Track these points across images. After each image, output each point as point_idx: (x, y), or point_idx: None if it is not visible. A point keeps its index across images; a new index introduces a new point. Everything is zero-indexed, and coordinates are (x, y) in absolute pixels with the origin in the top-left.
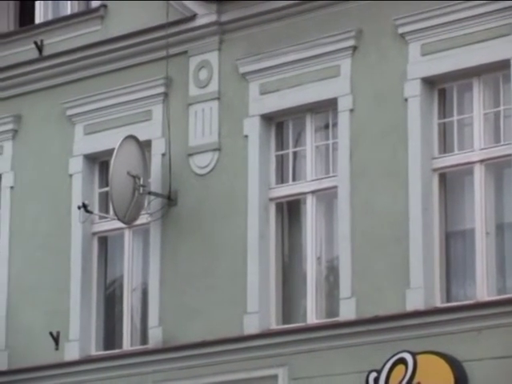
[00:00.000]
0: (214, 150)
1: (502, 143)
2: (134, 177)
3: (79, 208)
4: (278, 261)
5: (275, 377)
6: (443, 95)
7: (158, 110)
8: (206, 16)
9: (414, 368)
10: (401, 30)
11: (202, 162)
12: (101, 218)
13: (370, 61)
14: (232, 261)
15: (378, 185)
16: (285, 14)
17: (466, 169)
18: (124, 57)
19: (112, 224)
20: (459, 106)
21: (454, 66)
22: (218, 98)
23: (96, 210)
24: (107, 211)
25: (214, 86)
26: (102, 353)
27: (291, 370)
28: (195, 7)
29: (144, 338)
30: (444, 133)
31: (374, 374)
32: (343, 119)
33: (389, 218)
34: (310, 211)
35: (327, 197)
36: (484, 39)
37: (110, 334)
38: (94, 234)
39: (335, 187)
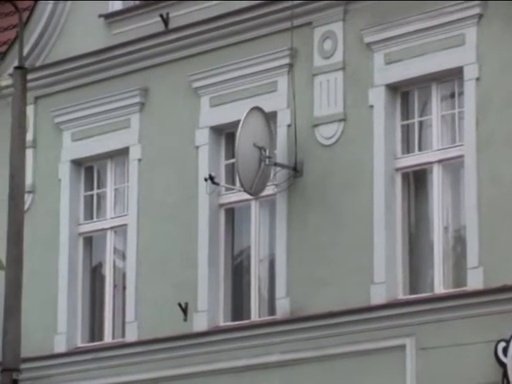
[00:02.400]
0: (340, 120)
1: None
2: (259, 148)
3: (206, 180)
4: (404, 231)
5: (403, 347)
6: None
7: (283, 81)
8: None
9: None
10: None
11: (327, 133)
12: (227, 189)
13: (495, 29)
14: (358, 231)
15: (504, 154)
16: None
17: None
18: (249, 28)
19: (238, 195)
20: None
21: None
22: (343, 69)
23: (222, 182)
24: (233, 183)
25: (338, 57)
26: (230, 323)
27: (419, 340)
28: None
29: (271, 309)
30: None
31: (502, 344)
32: (469, 88)
33: None
34: (437, 181)
35: (453, 166)
36: None
37: (238, 304)
38: (221, 205)
39: (461, 156)
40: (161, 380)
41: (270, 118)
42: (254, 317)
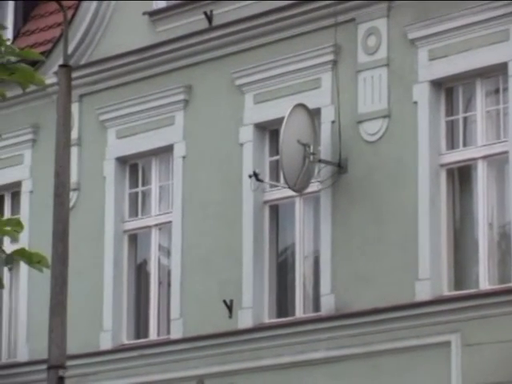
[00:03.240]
0: (384, 116)
1: None
2: (304, 145)
3: (250, 177)
4: (449, 227)
5: (448, 343)
6: None
7: (326, 78)
8: None
9: None
10: None
11: (371, 129)
12: (272, 186)
13: None
14: (403, 227)
15: None
16: None
17: None
18: (292, 25)
19: (283, 192)
20: None
21: None
22: (387, 65)
23: (267, 179)
24: (278, 180)
25: (382, 53)
26: (274, 320)
27: (464, 336)
28: None
29: (316, 306)
30: None
31: None
32: None
33: None
34: (481, 177)
35: (498, 162)
36: None
37: (283, 301)
38: (266, 202)
39: (506, 152)
40: (206, 377)
41: (314, 114)
42: (299, 314)
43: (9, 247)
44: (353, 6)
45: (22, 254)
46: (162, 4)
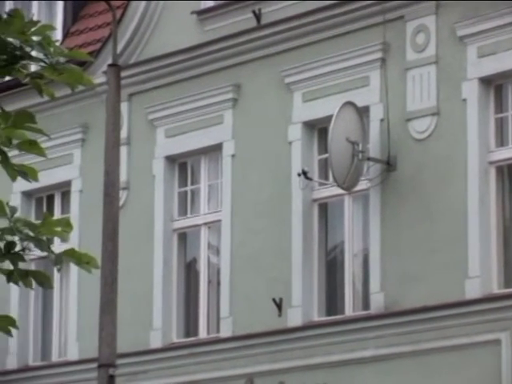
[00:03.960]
0: (433, 114)
1: None
2: (352, 143)
3: (299, 175)
4: (498, 224)
5: (498, 341)
6: None
7: (375, 76)
8: None
9: None
10: None
11: (420, 127)
12: (320, 184)
13: None
14: (452, 225)
15: None
16: None
17: None
18: (341, 23)
19: (332, 190)
20: None
21: None
22: (436, 62)
23: (316, 177)
24: (327, 178)
25: (431, 50)
26: (324, 318)
27: None
28: None
29: (366, 304)
30: None
31: None
32: None
33: None
34: None
35: None
36: None
37: (332, 299)
38: (314, 200)
39: None
40: (255, 375)
41: (363, 112)
42: (348, 312)
43: (59, 247)
44: (401, 3)
45: (72, 255)
46: (210, 3)
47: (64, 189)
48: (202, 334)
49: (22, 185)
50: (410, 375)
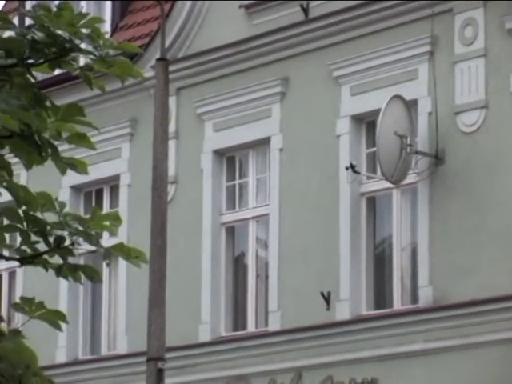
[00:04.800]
0: (481, 107)
1: None
2: (401, 136)
3: (347, 169)
4: None
5: None
6: None
7: (423, 69)
8: None
9: None
10: None
11: (468, 120)
12: (368, 178)
13: None
14: (502, 218)
15: None
16: None
17: None
18: (389, 16)
19: (380, 184)
20: None
21: None
22: (484, 55)
23: (364, 171)
24: (375, 171)
25: (479, 43)
26: (372, 312)
27: None
28: None
29: (414, 297)
30: None
31: None
32: None
33: None
34: None
35: None
36: None
37: (380, 293)
38: (362, 194)
39: None
40: (304, 369)
41: (411, 105)
42: (397, 305)
43: (108, 241)
44: None
45: (121, 249)
46: None
47: (112, 183)
48: (251, 327)
49: (70, 179)
50: (459, 369)
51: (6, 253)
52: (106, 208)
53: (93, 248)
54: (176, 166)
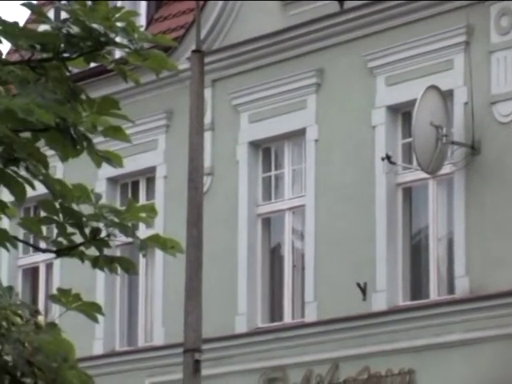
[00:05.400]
0: None
1: None
2: (436, 127)
3: (383, 159)
4: None
5: None
6: None
7: (459, 59)
8: None
9: None
10: None
11: (505, 110)
12: (404, 168)
13: None
14: None
15: None
16: None
17: None
18: (424, 7)
19: (416, 174)
20: None
21: None
22: None
23: (399, 161)
24: (410, 162)
25: None
26: (409, 303)
27: None
28: None
29: (451, 288)
30: None
31: None
32: None
33: None
34: None
35: None
36: None
37: (417, 283)
38: (398, 184)
39: None
40: (340, 360)
41: (447, 96)
42: (433, 296)
43: (144, 232)
44: None
45: (157, 240)
46: None
47: (149, 175)
48: (287, 318)
49: (107, 171)
50: (496, 359)
51: (42, 245)
52: (142, 200)
53: (129, 239)
54: (212, 157)
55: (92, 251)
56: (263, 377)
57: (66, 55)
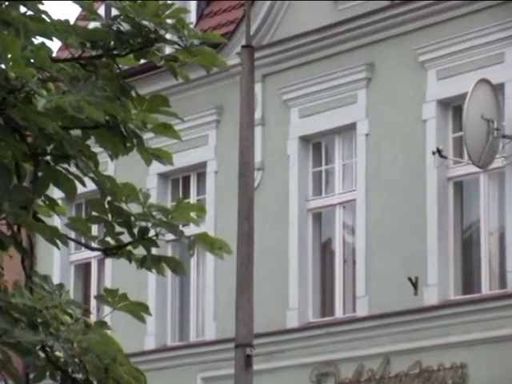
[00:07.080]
0: None
1: None
2: (487, 120)
3: (434, 153)
4: None
5: None
6: None
7: (510, 52)
8: None
9: None
10: None
11: None
12: (455, 162)
13: None
14: None
15: None
16: None
17: None
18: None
19: (467, 168)
20: None
21: None
22: None
23: (450, 155)
24: (461, 156)
25: None
26: (460, 297)
27: None
28: None
29: (503, 282)
30: None
31: None
32: None
33: None
34: None
35: None
36: None
37: (468, 278)
38: (449, 178)
39: None
40: (392, 354)
41: (498, 89)
42: (485, 290)
43: (193, 229)
44: None
45: (205, 240)
46: None
47: (199, 170)
48: (338, 313)
49: (158, 167)
50: None
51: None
52: (193, 195)
53: (177, 238)
54: (262, 152)
55: (139, 251)
56: (315, 371)
57: (115, 52)
